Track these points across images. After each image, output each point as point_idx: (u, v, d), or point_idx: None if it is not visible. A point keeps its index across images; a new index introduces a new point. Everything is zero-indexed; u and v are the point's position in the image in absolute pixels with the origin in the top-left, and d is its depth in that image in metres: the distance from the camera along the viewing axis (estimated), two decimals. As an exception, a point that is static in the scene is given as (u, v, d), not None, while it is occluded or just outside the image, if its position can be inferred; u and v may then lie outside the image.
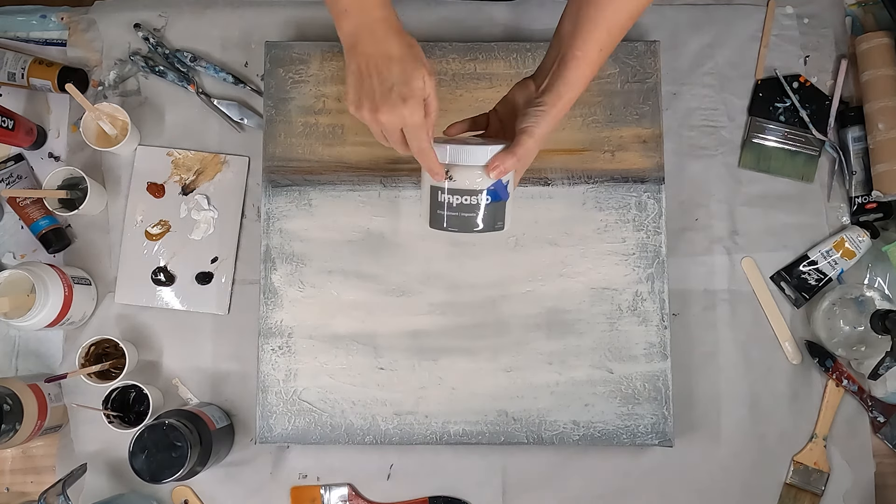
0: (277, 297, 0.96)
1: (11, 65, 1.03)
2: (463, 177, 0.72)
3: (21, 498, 0.99)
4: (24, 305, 0.93)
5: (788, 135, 1.04)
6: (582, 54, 0.72)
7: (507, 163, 0.71)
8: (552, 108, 0.72)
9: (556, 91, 0.72)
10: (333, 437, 0.94)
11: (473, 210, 0.73)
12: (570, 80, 0.72)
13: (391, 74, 0.67)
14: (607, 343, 0.95)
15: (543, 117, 0.72)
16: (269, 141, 0.98)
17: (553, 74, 0.73)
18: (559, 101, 0.72)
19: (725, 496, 0.98)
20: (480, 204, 0.73)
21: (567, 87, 0.72)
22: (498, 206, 0.74)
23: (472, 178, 0.72)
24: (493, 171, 0.71)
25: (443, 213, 0.74)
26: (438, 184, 0.73)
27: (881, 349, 0.92)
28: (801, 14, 1.06)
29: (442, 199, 0.73)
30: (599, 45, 0.72)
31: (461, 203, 0.73)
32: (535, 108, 0.72)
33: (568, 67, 0.72)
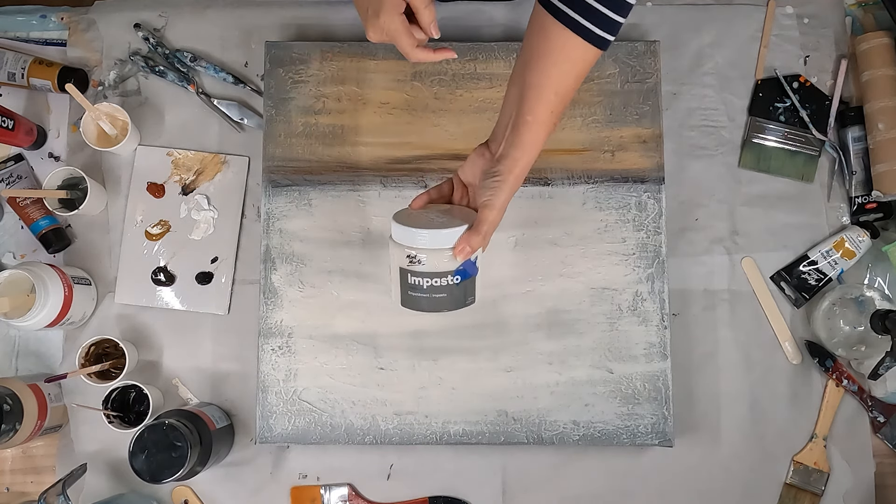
0: (277, 297, 0.96)
1: (11, 65, 1.03)
2: (432, 260, 0.72)
3: (21, 498, 0.99)
4: (24, 305, 0.93)
5: (788, 135, 1.04)
6: (532, 118, 0.71)
7: (472, 242, 0.71)
8: (509, 175, 0.72)
9: (511, 157, 0.72)
10: (333, 437, 0.94)
11: (444, 291, 0.73)
12: (523, 144, 0.72)
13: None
14: (607, 343, 0.95)
15: (501, 187, 0.72)
16: (269, 141, 0.98)
17: (507, 141, 0.73)
18: (515, 167, 0.72)
19: (725, 496, 0.98)
20: (451, 285, 0.73)
21: (521, 152, 0.72)
22: (468, 283, 0.74)
23: (441, 261, 0.72)
24: (460, 254, 0.71)
25: (414, 294, 0.74)
26: (408, 267, 0.73)
27: (881, 349, 0.92)
28: (801, 14, 1.06)
29: (412, 281, 0.74)
30: (550, 108, 0.72)
31: (431, 285, 0.73)
32: (492, 178, 0.73)
33: (520, 132, 0.72)
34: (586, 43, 0.69)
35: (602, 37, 0.69)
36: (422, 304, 0.74)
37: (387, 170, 0.98)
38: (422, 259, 0.72)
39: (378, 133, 0.98)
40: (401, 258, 0.73)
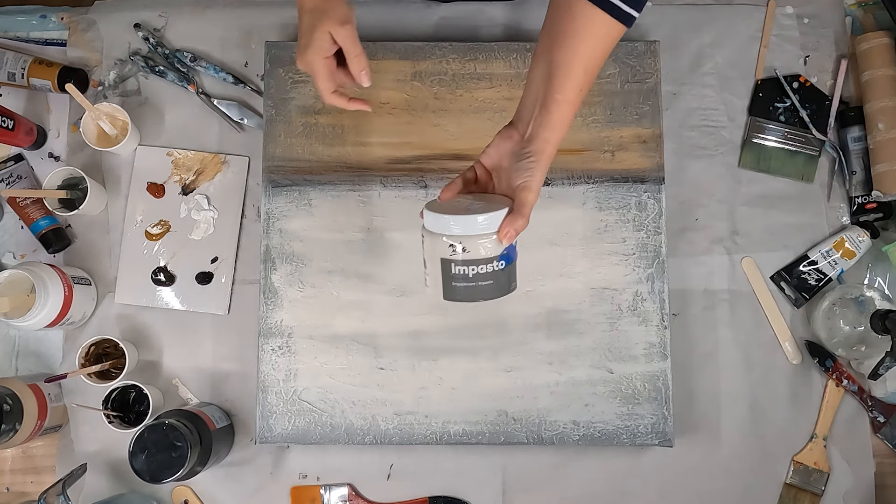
0: (277, 297, 0.96)
1: (11, 65, 1.03)
2: (475, 247, 0.70)
3: (21, 498, 0.99)
4: (24, 305, 0.93)
5: (788, 135, 1.04)
6: (562, 97, 0.71)
7: (517, 225, 0.70)
8: (542, 156, 0.72)
9: (542, 138, 0.72)
10: (333, 437, 0.94)
11: (489, 277, 0.71)
12: (554, 124, 0.72)
13: (301, 25, 0.78)
14: (607, 343, 0.95)
15: (537, 168, 0.72)
16: (269, 141, 0.98)
17: (536, 121, 0.73)
18: (547, 146, 0.72)
19: (725, 496, 0.98)
20: (496, 270, 0.71)
21: (552, 132, 0.72)
22: (511, 269, 0.73)
23: (485, 247, 0.70)
24: (505, 238, 0.70)
25: (458, 284, 0.72)
26: (451, 257, 0.71)
27: (881, 349, 0.92)
28: (801, 14, 1.06)
29: (456, 270, 0.71)
30: (579, 86, 0.71)
31: (477, 273, 0.71)
32: (526, 160, 0.72)
33: (550, 112, 0.72)
34: (613, 19, 0.70)
35: (628, 13, 0.70)
36: (467, 294, 0.72)
37: (387, 170, 0.98)
38: (466, 246, 0.70)
39: (378, 133, 0.98)
40: (441, 249, 0.71)
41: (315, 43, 0.76)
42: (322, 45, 0.76)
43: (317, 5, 0.77)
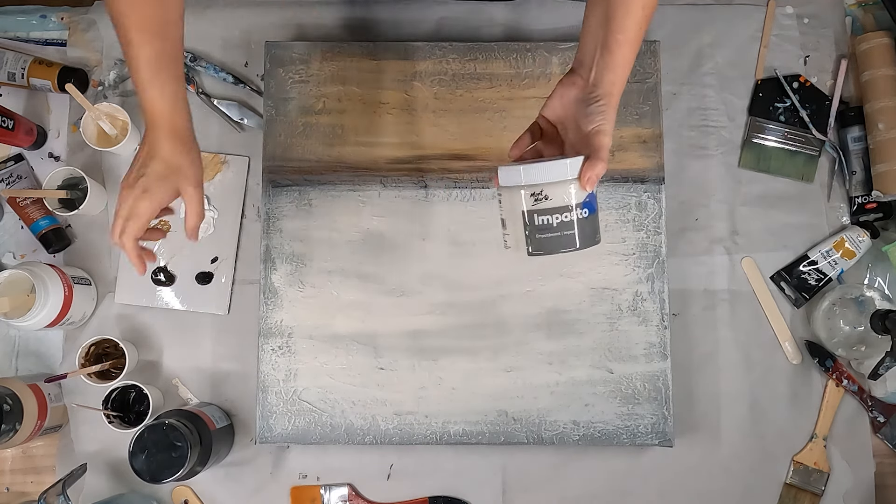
0: (277, 297, 0.96)
1: (11, 65, 1.03)
2: (558, 194, 0.69)
3: (21, 498, 0.99)
4: (24, 305, 0.93)
5: (788, 135, 1.04)
6: (623, 37, 0.71)
7: (597, 169, 0.69)
8: (611, 98, 0.72)
9: (608, 80, 0.71)
10: (333, 437, 0.94)
11: (571, 227, 0.69)
12: (617, 64, 0.71)
13: (149, 168, 0.76)
14: (607, 343, 0.95)
15: (608, 111, 0.71)
16: (269, 141, 0.98)
17: (599, 64, 0.72)
18: (614, 88, 0.72)
19: (725, 496, 0.98)
20: (580, 218, 0.69)
21: (617, 73, 0.72)
22: (594, 219, 0.71)
23: (568, 194, 0.69)
24: (588, 183, 0.68)
25: (543, 236, 0.70)
26: (534, 207, 0.69)
27: (881, 349, 0.92)
28: (801, 14, 1.06)
29: (540, 221, 0.69)
30: (639, 24, 0.71)
31: (561, 221, 0.69)
32: (596, 104, 0.71)
33: (613, 53, 0.71)
34: None
35: None
36: (553, 245, 0.70)
37: (387, 170, 0.98)
38: (548, 194, 0.68)
39: (378, 133, 0.98)
40: (522, 201, 0.69)
41: (159, 193, 0.76)
42: (164, 198, 0.77)
43: (175, 160, 0.77)
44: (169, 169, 0.77)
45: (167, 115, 0.77)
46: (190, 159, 0.78)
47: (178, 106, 0.77)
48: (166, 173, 0.76)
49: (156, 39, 0.74)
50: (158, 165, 0.76)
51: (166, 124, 0.77)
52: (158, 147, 0.77)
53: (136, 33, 0.73)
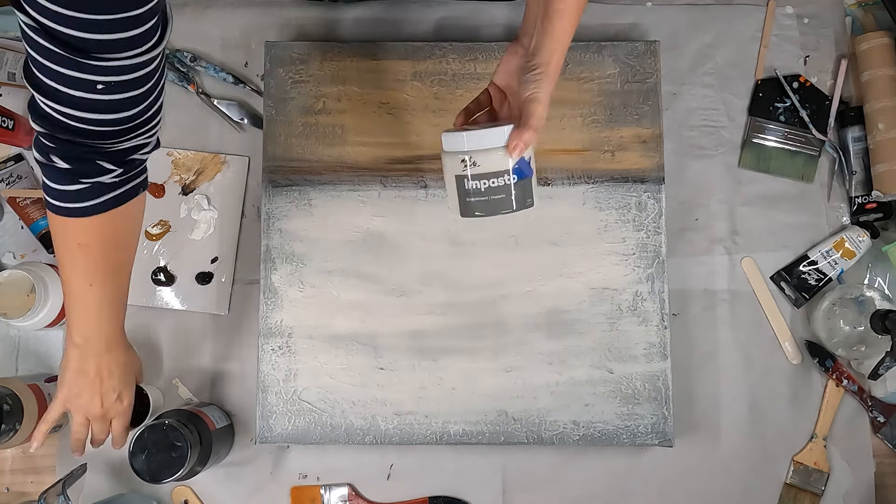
0: (277, 297, 0.96)
1: (11, 65, 1.03)
2: (486, 161, 0.72)
3: (21, 498, 0.99)
4: (24, 305, 0.93)
5: (788, 135, 1.04)
6: (563, 6, 0.71)
7: (525, 136, 0.71)
8: (548, 67, 0.71)
9: (547, 49, 0.71)
10: (333, 437, 0.94)
11: (502, 191, 0.73)
12: (556, 34, 0.71)
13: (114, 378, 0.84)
14: (607, 343, 0.95)
15: (543, 79, 0.71)
16: (269, 141, 0.98)
17: (539, 32, 0.72)
18: (552, 56, 0.72)
19: (725, 496, 0.98)
20: (508, 184, 0.72)
21: (556, 42, 0.71)
22: (525, 183, 0.73)
23: (496, 160, 0.72)
24: (514, 151, 0.71)
25: (472, 199, 0.73)
26: (463, 172, 0.73)
27: (881, 349, 0.92)
28: (801, 14, 1.06)
29: (469, 186, 0.73)
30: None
31: (489, 186, 0.72)
32: (532, 72, 0.72)
33: (552, 22, 0.71)
34: None
35: None
36: (481, 208, 0.73)
37: (387, 170, 0.98)
38: (476, 161, 0.72)
39: (378, 133, 0.98)
40: (455, 166, 0.73)
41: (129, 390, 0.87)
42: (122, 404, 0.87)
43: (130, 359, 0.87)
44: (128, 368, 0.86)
45: (118, 333, 0.84)
46: (130, 354, 0.88)
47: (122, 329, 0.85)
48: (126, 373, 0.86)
49: (116, 280, 0.80)
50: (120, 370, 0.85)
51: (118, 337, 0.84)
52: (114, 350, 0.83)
53: (104, 278, 0.78)
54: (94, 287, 0.77)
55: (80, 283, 0.77)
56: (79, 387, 0.82)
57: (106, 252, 0.76)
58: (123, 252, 0.79)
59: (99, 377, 0.83)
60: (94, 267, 0.76)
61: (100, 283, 0.77)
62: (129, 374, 0.86)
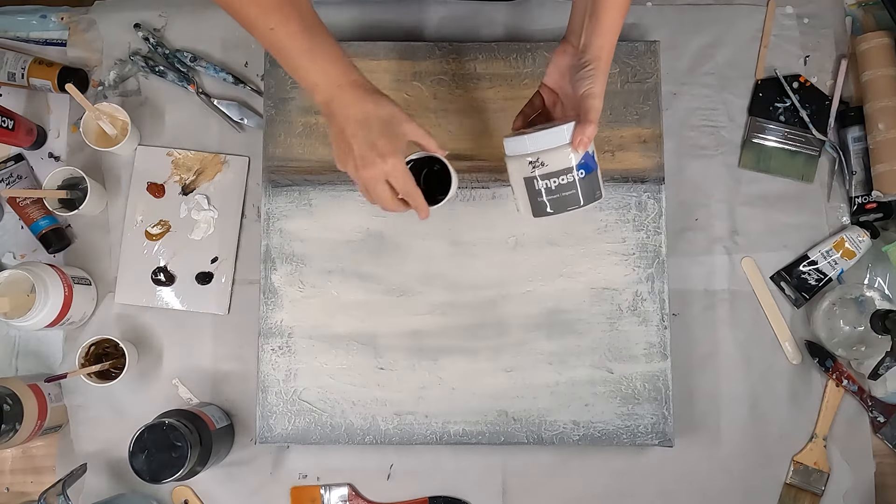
0: (277, 297, 0.96)
1: (11, 65, 1.03)
2: (552, 159, 0.74)
3: (21, 498, 0.99)
4: (24, 305, 0.93)
5: (788, 135, 1.04)
6: (610, 2, 0.73)
7: (587, 132, 0.73)
8: (599, 62, 0.74)
9: (596, 45, 0.74)
10: (333, 437, 0.94)
11: (572, 188, 0.75)
12: (605, 29, 0.74)
13: (370, 133, 0.73)
14: (607, 343, 0.95)
15: (596, 75, 0.74)
16: (269, 141, 0.98)
17: (587, 30, 0.74)
18: (602, 52, 0.74)
19: (725, 496, 0.98)
20: (576, 180, 0.75)
21: (605, 38, 0.74)
22: (592, 177, 0.76)
23: (562, 158, 0.74)
24: (580, 146, 0.73)
25: (543, 199, 0.76)
26: (532, 174, 0.75)
27: (881, 349, 0.92)
28: (801, 14, 1.06)
29: (539, 186, 0.76)
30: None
31: (559, 184, 0.75)
32: (585, 69, 0.74)
33: (600, 18, 0.73)
34: None
35: None
36: (554, 207, 0.76)
37: (387, 170, 0.98)
38: (544, 161, 0.74)
39: (378, 133, 0.98)
40: (522, 169, 0.75)
41: (396, 145, 0.74)
42: (402, 144, 0.74)
43: (382, 111, 0.74)
44: (384, 122, 0.74)
45: (342, 72, 0.74)
46: (390, 102, 0.75)
47: (346, 62, 0.74)
48: (385, 127, 0.74)
49: (294, 11, 0.72)
50: (376, 124, 0.73)
51: (346, 82, 0.74)
52: (358, 108, 0.73)
53: (275, 13, 0.71)
54: (277, 29, 0.71)
55: (264, 31, 0.71)
56: (335, 150, 0.75)
57: None
58: None
59: (343, 135, 0.74)
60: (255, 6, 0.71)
61: (281, 22, 0.71)
62: (380, 125, 0.73)
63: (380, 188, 0.75)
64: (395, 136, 0.74)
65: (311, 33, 0.73)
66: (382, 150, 0.73)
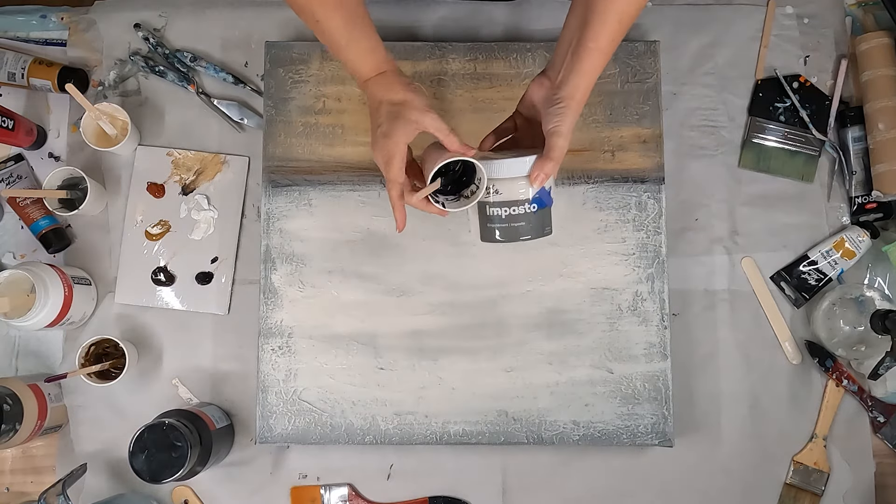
0: (277, 297, 0.96)
1: (11, 65, 1.03)
2: (508, 189, 0.74)
3: (21, 498, 0.99)
4: (24, 305, 0.93)
5: (788, 135, 1.04)
6: (595, 45, 0.73)
7: (546, 168, 0.73)
8: (571, 101, 0.74)
9: (572, 83, 0.74)
10: (333, 437, 0.94)
11: (521, 219, 0.75)
12: (584, 71, 0.73)
13: (380, 117, 0.78)
14: (607, 343, 0.95)
15: (566, 113, 0.74)
16: (269, 141, 0.98)
17: (567, 67, 0.74)
18: (577, 92, 0.74)
19: (725, 496, 0.98)
20: (529, 212, 0.75)
21: (582, 78, 0.74)
22: (545, 213, 0.76)
23: (517, 189, 0.74)
24: (535, 181, 0.73)
25: (493, 226, 0.77)
26: (486, 199, 0.75)
27: (881, 349, 0.92)
28: (801, 14, 1.06)
29: (490, 212, 0.76)
30: (611, 36, 0.73)
31: (510, 214, 0.75)
32: (556, 105, 0.74)
33: (581, 59, 0.73)
34: None
35: None
36: (501, 235, 0.77)
37: (387, 170, 0.98)
38: (498, 189, 0.75)
39: (378, 133, 0.98)
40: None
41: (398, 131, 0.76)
42: (405, 132, 0.76)
43: (396, 97, 0.78)
44: (395, 106, 0.77)
45: (371, 65, 0.78)
46: (410, 91, 0.78)
47: (377, 56, 0.79)
48: (395, 111, 0.77)
49: (339, 6, 0.76)
50: (384, 108, 0.78)
51: (374, 73, 0.79)
52: (378, 96, 0.79)
53: (321, 8, 0.75)
54: (322, 22, 0.76)
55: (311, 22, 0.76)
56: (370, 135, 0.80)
57: None
58: None
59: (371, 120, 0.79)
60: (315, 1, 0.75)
61: (325, 17, 0.76)
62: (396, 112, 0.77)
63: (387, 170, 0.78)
64: (405, 122, 0.76)
65: (350, 27, 0.77)
66: (387, 132, 0.76)
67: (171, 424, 0.85)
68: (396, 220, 0.80)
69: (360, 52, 0.78)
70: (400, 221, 0.80)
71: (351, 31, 0.77)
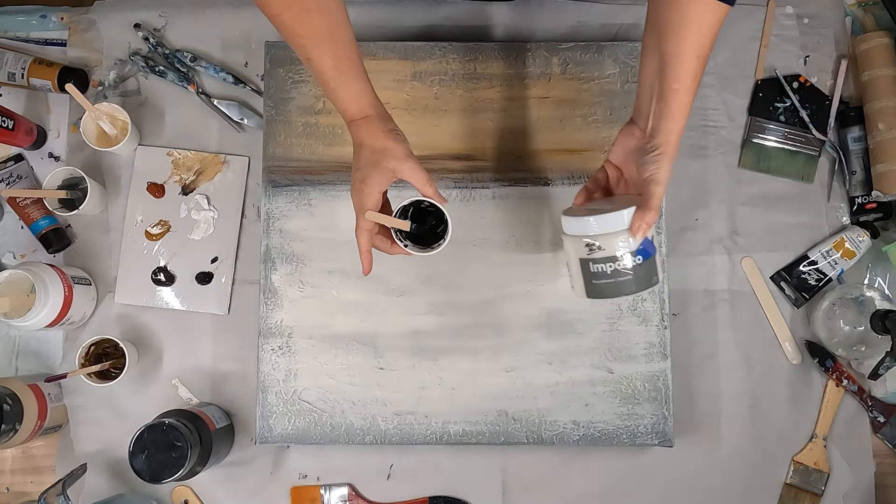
0: (277, 297, 0.96)
1: (11, 65, 1.03)
2: (610, 244, 0.73)
3: (21, 498, 0.99)
4: (24, 305, 0.93)
5: (788, 135, 1.04)
6: (679, 86, 0.72)
7: (647, 218, 0.72)
8: (667, 147, 0.73)
9: (664, 129, 0.73)
10: (333, 437, 0.94)
11: (627, 273, 0.74)
12: (674, 114, 0.73)
13: (360, 161, 0.79)
14: (607, 343, 0.95)
15: (662, 160, 0.73)
16: (269, 141, 0.98)
17: (656, 114, 0.74)
18: (670, 136, 0.73)
19: (725, 496, 0.98)
20: (635, 265, 0.74)
21: (673, 122, 0.73)
22: (650, 263, 0.74)
23: (619, 243, 0.73)
24: (638, 232, 0.72)
25: (599, 282, 0.75)
26: (588, 256, 0.74)
27: (881, 349, 0.92)
28: (801, 14, 1.06)
29: (595, 269, 0.74)
30: (693, 73, 0.73)
31: (615, 269, 0.74)
32: (652, 153, 0.73)
33: (668, 102, 0.73)
34: (718, 2, 0.71)
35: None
36: (608, 291, 0.75)
37: (387, 170, 0.98)
38: (601, 245, 0.73)
39: (378, 133, 0.98)
40: (579, 249, 0.74)
41: (374, 178, 0.77)
42: (381, 180, 0.78)
43: (377, 144, 0.78)
44: (375, 153, 0.78)
45: (357, 109, 0.79)
46: (390, 139, 0.79)
47: (364, 100, 0.79)
48: (374, 159, 0.78)
49: (330, 49, 0.77)
50: (365, 154, 0.79)
51: (359, 116, 0.79)
52: (360, 139, 0.79)
53: (314, 49, 0.76)
54: (313, 61, 0.77)
55: (304, 59, 0.77)
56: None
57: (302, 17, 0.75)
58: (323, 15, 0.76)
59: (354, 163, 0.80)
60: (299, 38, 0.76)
61: (317, 57, 0.76)
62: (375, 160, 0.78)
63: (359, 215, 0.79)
64: (382, 171, 0.77)
65: (340, 70, 0.77)
66: (363, 178, 0.78)
67: (171, 424, 0.85)
68: (363, 264, 0.80)
69: (348, 95, 0.78)
70: (366, 266, 0.80)
71: (341, 74, 0.78)
